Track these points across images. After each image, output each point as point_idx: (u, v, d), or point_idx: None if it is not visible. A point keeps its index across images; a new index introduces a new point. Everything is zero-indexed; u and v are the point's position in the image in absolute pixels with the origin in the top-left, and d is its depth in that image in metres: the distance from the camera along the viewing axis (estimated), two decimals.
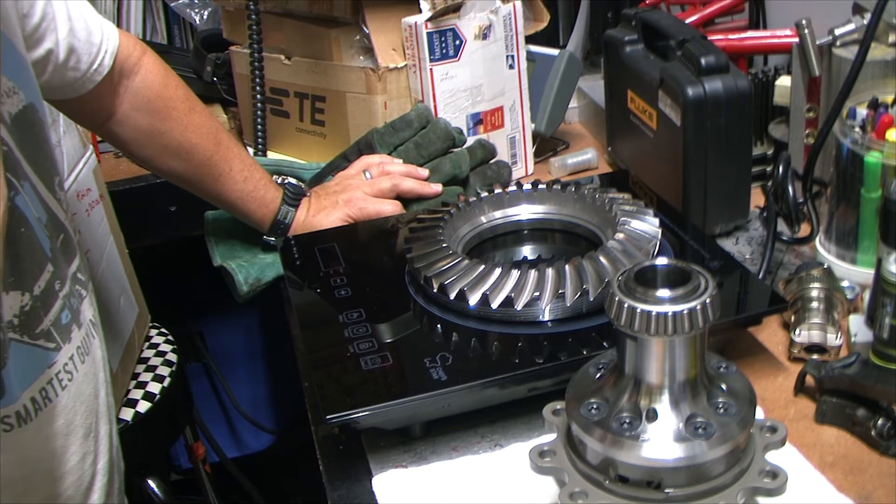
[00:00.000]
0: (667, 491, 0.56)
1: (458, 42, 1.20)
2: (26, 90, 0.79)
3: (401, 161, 1.18)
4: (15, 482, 0.75)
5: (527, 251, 1.01)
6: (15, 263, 0.74)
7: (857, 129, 0.92)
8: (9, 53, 0.78)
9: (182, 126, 1.05)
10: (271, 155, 1.42)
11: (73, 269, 0.83)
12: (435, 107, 1.22)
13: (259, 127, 1.39)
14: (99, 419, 0.86)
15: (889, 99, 0.93)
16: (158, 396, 1.34)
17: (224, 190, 1.10)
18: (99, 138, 1.31)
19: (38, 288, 0.76)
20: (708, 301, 0.55)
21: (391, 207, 1.12)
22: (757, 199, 1.08)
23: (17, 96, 0.78)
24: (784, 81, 1.15)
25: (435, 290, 0.84)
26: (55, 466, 0.79)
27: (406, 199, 1.14)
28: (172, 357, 1.43)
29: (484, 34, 1.22)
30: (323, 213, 1.12)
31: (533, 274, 0.82)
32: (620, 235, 0.87)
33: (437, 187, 1.15)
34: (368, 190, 1.13)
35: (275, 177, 1.17)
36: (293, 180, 1.18)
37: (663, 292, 0.55)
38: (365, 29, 1.26)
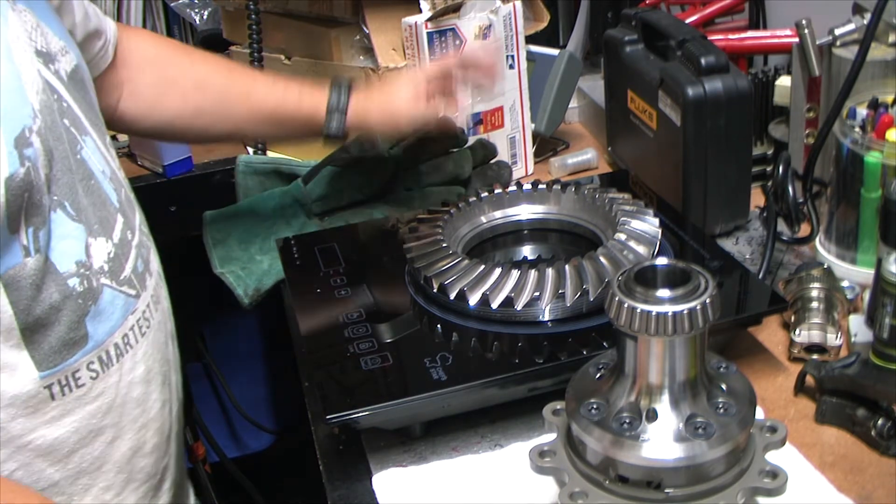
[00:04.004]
0: (667, 491, 0.56)
1: (458, 42, 1.20)
2: (73, 51, 0.83)
3: None
4: (105, 430, 0.77)
5: (527, 251, 1.01)
6: (94, 212, 0.76)
7: (857, 129, 0.92)
8: (55, 18, 0.82)
9: (189, 62, 1.05)
10: (271, 154, 1.42)
11: (138, 220, 0.85)
12: None
13: None
14: (171, 368, 0.88)
15: (889, 99, 0.93)
16: None
17: (257, 103, 1.04)
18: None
19: (117, 236, 0.78)
20: (708, 301, 0.55)
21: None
22: (757, 199, 1.08)
23: (69, 56, 0.81)
24: (784, 81, 1.15)
25: (435, 290, 0.84)
26: (140, 413, 0.81)
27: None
28: None
29: (484, 34, 1.22)
30: (385, 92, 1.05)
31: (533, 274, 0.82)
32: (620, 235, 0.87)
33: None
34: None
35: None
36: None
37: (663, 292, 0.55)
38: (365, 29, 1.26)
